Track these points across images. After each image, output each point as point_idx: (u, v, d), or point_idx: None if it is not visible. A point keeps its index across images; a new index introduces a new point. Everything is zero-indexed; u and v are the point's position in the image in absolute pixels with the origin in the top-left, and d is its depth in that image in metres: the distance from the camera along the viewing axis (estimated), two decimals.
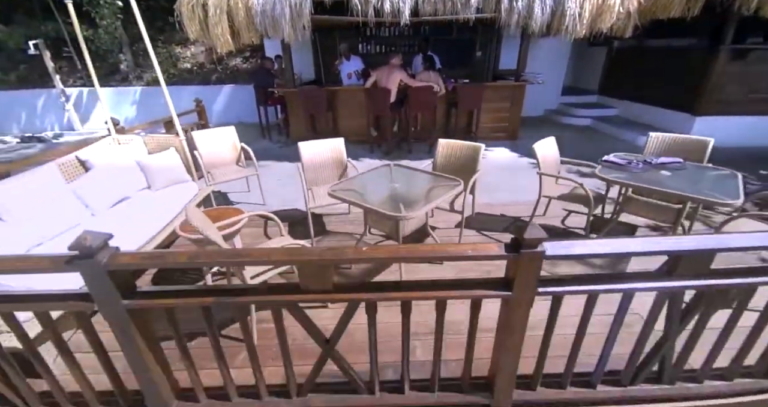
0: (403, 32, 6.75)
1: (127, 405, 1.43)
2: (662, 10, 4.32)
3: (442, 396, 1.49)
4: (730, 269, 1.24)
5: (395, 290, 1.23)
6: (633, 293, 1.26)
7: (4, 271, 1.17)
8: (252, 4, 3.91)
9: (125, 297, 1.16)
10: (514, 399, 1.48)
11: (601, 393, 1.49)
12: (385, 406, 1.49)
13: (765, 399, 1.55)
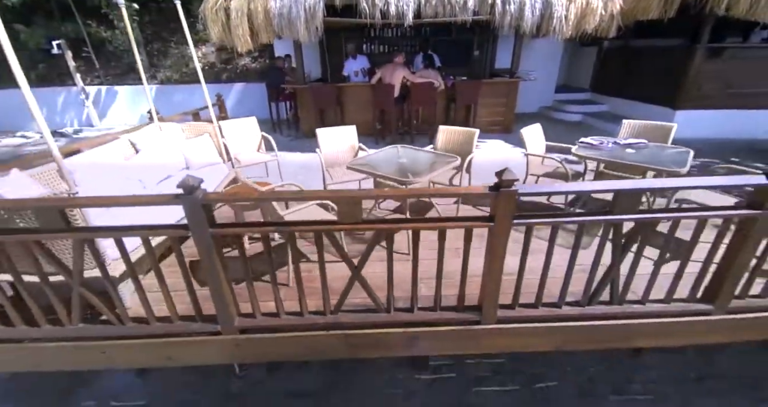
0: (405, 33, 7.18)
1: (201, 320, 1.86)
2: (642, 12, 4.75)
3: (442, 313, 1.91)
4: (655, 209, 1.66)
5: (407, 222, 1.66)
6: (583, 224, 1.69)
7: (135, 204, 1.60)
8: (270, 7, 4.34)
9: (211, 226, 1.58)
10: (498, 316, 1.91)
11: (565, 311, 1.92)
12: (397, 322, 1.91)
13: (695, 320, 1.97)
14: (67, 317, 1.83)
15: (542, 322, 1.94)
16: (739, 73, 5.09)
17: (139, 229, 1.63)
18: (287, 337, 1.93)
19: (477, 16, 4.63)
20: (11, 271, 1.68)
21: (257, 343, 1.93)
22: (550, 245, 1.74)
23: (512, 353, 3.21)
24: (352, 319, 1.90)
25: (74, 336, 1.85)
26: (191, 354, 1.96)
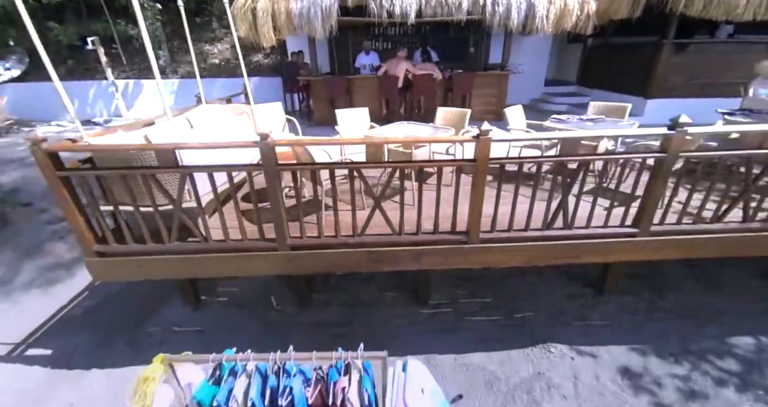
0: (407, 31, 7.85)
1: (264, 240, 2.55)
2: (614, 12, 5.44)
3: (439, 235, 2.61)
4: (589, 153, 2.35)
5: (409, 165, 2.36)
6: (542, 164, 2.38)
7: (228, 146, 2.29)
8: (291, 8, 5.02)
9: (277, 165, 2.27)
10: (480, 238, 2.61)
11: (529, 234, 2.61)
12: (407, 242, 2.61)
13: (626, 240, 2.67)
14: (168, 236, 2.52)
15: (513, 242, 2.64)
16: (701, 66, 5.78)
17: (227, 167, 2.32)
18: (325, 253, 2.62)
19: (470, 16, 5.31)
20: (131, 201, 2.37)
21: (304, 258, 2.62)
22: (516, 184, 2.43)
23: (497, 293, 3.93)
24: (373, 240, 2.60)
25: (173, 250, 2.55)
26: (255, 266, 2.66)
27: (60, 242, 4.60)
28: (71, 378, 3.14)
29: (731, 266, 4.22)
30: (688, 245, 2.67)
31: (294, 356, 1.90)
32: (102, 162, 2.50)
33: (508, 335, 3.43)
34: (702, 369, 3.08)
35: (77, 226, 2.44)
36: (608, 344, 3.30)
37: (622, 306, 3.72)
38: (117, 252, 2.56)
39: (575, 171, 2.41)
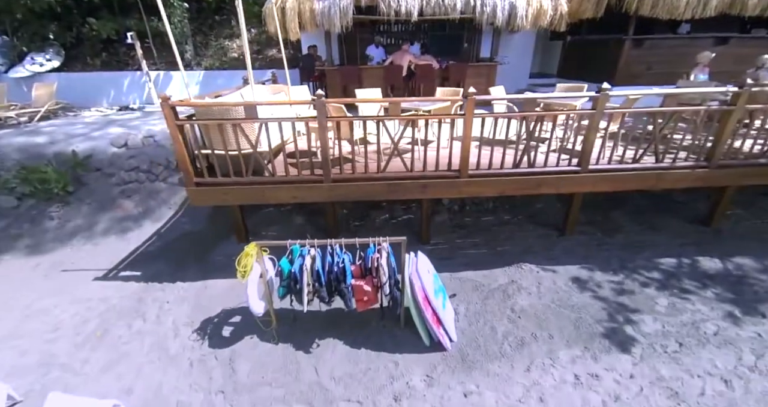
0: (409, 28, 8.87)
1: (313, 174, 3.58)
2: (582, 12, 6.51)
3: (439, 172, 3.65)
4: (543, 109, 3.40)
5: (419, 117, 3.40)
6: (513, 118, 3.42)
7: (293, 103, 3.32)
8: (315, 7, 6.03)
9: (326, 117, 3.31)
10: (468, 174, 3.65)
11: (503, 170, 3.66)
12: (415, 176, 3.65)
13: (572, 176, 3.73)
14: (245, 171, 3.54)
15: (491, 177, 3.68)
16: (657, 58, 6.86)
17: (291, 118, 3.34)
18: (356, 185, 3.66)
19: (463, 15, 6.33)
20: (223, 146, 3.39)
21: (341, 188, 3.66)
22: (493, 135, 3.48)
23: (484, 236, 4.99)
24: (392, 175, 3.64)
25: (249, 182, 3.56)
26: (306, 194, 3.68)
27: (127, 200, 5.60)
28: (160, 288, 4.18)
29: (668, 216, 5.34)
30: (616, 180, 3.74)
31: (344, 241, 2.96)
32: (201, 117, 3.51)
33: (490, 260, 4.52)
34: (632, 277, 4.18)
35: (184, 163, 3.45)
36: (565, 264, 4.39)
37: (578, 243, 4.82)
38: (209, 183, 3.58)
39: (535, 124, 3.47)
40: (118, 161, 5.83)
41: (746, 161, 3.89)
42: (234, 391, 2.95)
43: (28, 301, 4.01)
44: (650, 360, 3.14)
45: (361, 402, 2.85)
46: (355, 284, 3.06)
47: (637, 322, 3.54)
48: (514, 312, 3.70)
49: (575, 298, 3.88)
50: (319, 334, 3.44)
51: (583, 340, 3.36)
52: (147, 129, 6.43)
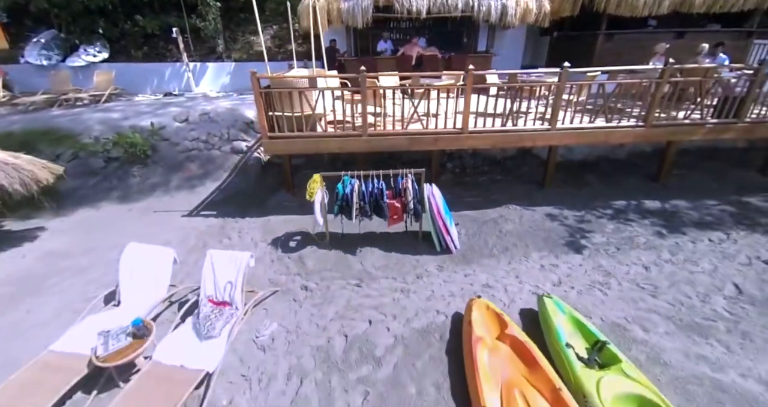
0: (415, 24, 10.16)
1: (353, 130, 4.90)
2: (562, 11, 7.82)
3: (447, 129, 4.97)
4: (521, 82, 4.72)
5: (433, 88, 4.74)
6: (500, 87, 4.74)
7: (344, 77, 4.64)
8: (341, 6, 7.31)
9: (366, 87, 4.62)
10: (468, 130, 4.98)
11: (495, 128, 4.98)
12: (429, 132, 4.96)
13: (545, 133, 5.06)
14: (305, 127, 4.85)
15: (485, 133, 5.00)
16: (625, 49, 8.16)
17: (342, 87, 4.65)
18: (386, 138, 4.97)
19: (463, 13, 7.62)
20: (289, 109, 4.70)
21: (375, 141, 4.96)
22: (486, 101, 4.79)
23: (480, 189, 6.31)
24: (412, 131, 4.95)
25: (308, 136, 4.87)
26: (348, 145, 4.98)
27: (192, 163, 6.89)
28: (234, 221, 5.50)
29: (627, 175, 6.68)
30: (577, 135, 5.07)
31: (381, 172, 4.25)
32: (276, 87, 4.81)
33: (484, 204, 5.85)
34: (591, 213, 5.53)
35: (262, 121, 4.75)
36: (542, 206, 5.73)
37: (554, 193, 6.15)
38: (279, 137, 4.89)
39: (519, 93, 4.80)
40: (182, 132, 7.11)
41: (673, 121, 5.23)
42: (306, 274, 4.27)
43: (136, 228, 5.32)
44: (595, 257, 4.48)
45: (395, 278, 4.18)
46: (389, 202, 4.39)
47: (589, 237, 4.88)
48: (501, 232, 5.03)
49: (547, 225, 5.22)
50: (360, 245, 4.76)
51: (549, 247, 4.70)
52: (200, 108, 7.70)
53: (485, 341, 2.92)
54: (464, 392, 2.76)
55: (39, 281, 4.21)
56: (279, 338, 3.36)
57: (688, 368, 2.95)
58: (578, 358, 2.76)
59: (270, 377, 2.99)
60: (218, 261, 3.46)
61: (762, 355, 3.06)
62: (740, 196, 5.83)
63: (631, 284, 4.02)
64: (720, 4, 7.22)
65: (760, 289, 3.86)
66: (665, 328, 3.40)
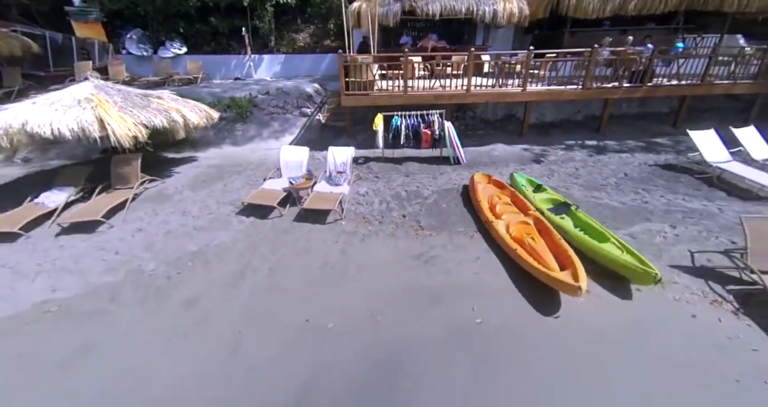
0: (428, 24, 13.03)
1: (398, 89, 7.80)
2: (536, 14, 10.72)
3: (457, 89, 7.87)
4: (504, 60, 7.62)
5: (448, 61, 7.66)
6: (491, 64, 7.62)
7: (390, 56, 7.57)
8: (378, 11, 10.17)
9: (407, 62, 7.52)
10: (471, 91, 7.87)
11: (488, 90, 7.87)
12: (446, 94, 7.85)
13: (519, 92, 7.96)
14: (369, 88, 7.74)
15: (481, 93, 7.89)
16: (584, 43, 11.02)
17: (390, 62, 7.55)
18: (419, 95, 7.86)
19: (465, 16, 10.49)
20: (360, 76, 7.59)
21: (412, 97, 7.84)
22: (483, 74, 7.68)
23: (476, 137, 9.25)
24: (436, 92, 7.85)
25: (367, 93, 7.75)
26: (395, 100, 7.85)
27: (275, 122, 9.76)
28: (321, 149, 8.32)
29: (581, 129, 9.57)
30: (539, 94, 7.96)
31: (419, 112, 7.21)
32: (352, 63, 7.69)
33: (479, 145, 8.73)
34: (550, 147, 8.45)
35: (342, 83, 7.64)
36: (519, 145, 8.62)
37: (528, 140, 9.02)
38: (350, 94, 7.77)
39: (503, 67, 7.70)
40: (266, 101, 9.98)
41: (601, 86, 8.14)
42: (374, 173, 7.15)
43: (253, 158, 8.18)
44: (548, 165, 7.38)
45: (427, 174, 7.05)
46: (423, 130, 7.28)
47: (546, 157, 7.79)
48: (491, 156, 7.93)
49: (521, 153, 8.12)
50: (403, 161, 7.64)
51: (521, 162, 7.60)
52: (274, 85, 10.55)
53: (481, 183, 5.82)
54: (470, 206, 5.65)
55: (218, 176, 7.09)
56: (369, 192, 6.24)
57: (585, 200, 5.85)
58: (533, 190, 5.67)
59: (369, 203, 5.87)
60: (336, 152, 6.35)
61: (619, 195, 5.97)
62: (651, 138, 8.75)
63: (565, 175, 6.91)
64: (647, 8, 10.09)
65: (638, 174, 6.78)
66: (578, 189, 6.29)
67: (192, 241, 4.86)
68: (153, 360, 3.21)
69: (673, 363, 3.09)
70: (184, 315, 3.68)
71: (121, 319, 3.63)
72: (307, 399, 2.87)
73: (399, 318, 3.62)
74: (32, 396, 2.91)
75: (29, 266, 4.32)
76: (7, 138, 4.87)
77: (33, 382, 3.01)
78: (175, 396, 2.89)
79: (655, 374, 3.00)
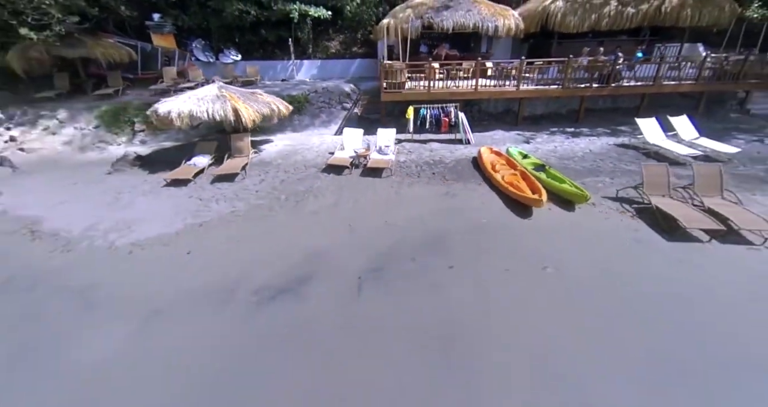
0: (442, 36, 15.66)
1: (423, 88, 10.49)
2: (529, 29, 13.34)
3: (467, 88, 10.53)
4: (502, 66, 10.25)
5: (459, 69, 10.35)
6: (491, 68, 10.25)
7: (422, 63, 10.29)
8: (404, 26, 12.83)
9: (430, 67, 10.21)
10: (478, 90, 10.54)
11: (489, 89, 10.52)
12: (459, 91, 10.51)
13: (514, 90, 10.61)
14: (398, 88, 10.44)
15: (486, 90, 10.54)
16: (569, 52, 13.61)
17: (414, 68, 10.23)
18: (439, 92, 10.53)
19: (473, 30, 13.11)
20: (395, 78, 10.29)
21: (435, 94, 10.51)
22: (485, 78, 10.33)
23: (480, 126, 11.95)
24: (452, 90, 10.51)
25: (400, 91, 10.43)
26: (420, 96, 10.51)
27: (323, 114, 12.46)
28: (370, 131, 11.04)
29: (563, 120, 12.23)
30: (529, 92, 10.60)
31: (440, 105, 9.96)
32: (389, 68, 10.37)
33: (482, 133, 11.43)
34: (539, 133, 11.15)
35: (382, 84, 10.32)
36: (514, 131, 11.32)
37: (522, 128, 11.71)
38: (389, 92, 10.45)
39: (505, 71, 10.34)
40: (314, 97, 12.68)
41: (577, 86, 10.75)
42: (407, 149, 9.82)
43: (314, 140, 10.89)
44: (535, 144, 10.04)
45: (446, 150, 9.72)
46: (443, 118, 9.96)
47: (535, 139, 10.44)
48: (493, 140, 10.57)
49: (516, 137, 10.76)
50: (427, 141, 10.31)
51: (515, 142, 10.24)
52: (320, 85, 13.25)
53: (486, 152, 8.48)
54: (478, 169, 8.31)
55: (294, 152, 9.78)
56: (407, 161, 8.91)
57: (558, 165, 8.48)
58: (522, 158, 8.32)
59: (408, 166, 8.54)
60: (383, 132, 9.04)
61: (581, 162, 8.62)
62: (616, 126, 11.35)
63: (547, 150, 9.55)
64: (617, 24, 12.65)
65: (599, 150, 9.41)
66: (555, 159, 8.92)
67: (300, 185, 7.56)
68: (302, 235, 5.90)
69: (594, 236, 5.74)
70: (313, 218, 6.38)
71: (278, 219, 6.34)
72: (396, 249, 5.53)
73: (437, 221, 6.29)
74: (243, 249, 5.61)
75: (208, 197, 7.04)
76: (180, 119, 7.59)
77: (238, 250, 5.69)
78: (316, 247, 5.58)
79: (582, 240, 5.65)
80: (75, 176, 8.26)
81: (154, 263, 5.18)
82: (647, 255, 5.29)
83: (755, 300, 4.44)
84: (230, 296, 4.56)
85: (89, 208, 6.66)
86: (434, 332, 4.05)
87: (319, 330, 4.15)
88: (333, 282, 4.80)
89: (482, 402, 3.31)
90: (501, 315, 4.27)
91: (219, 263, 5.18)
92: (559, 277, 4.88)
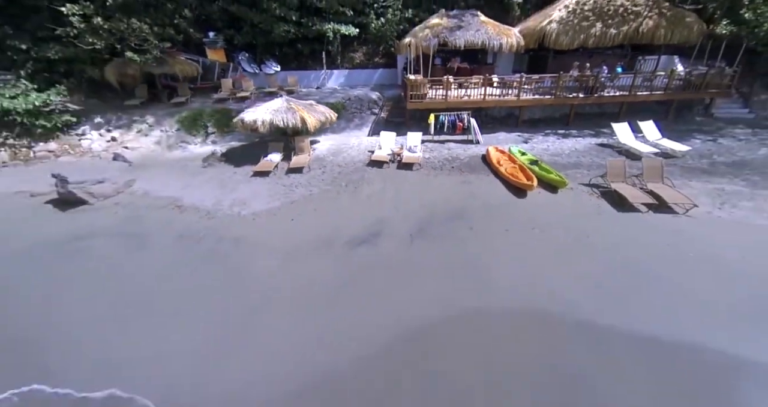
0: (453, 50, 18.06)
1: (440, 97, 13.00)
2: (529, 45, 15.73)
3: (476, 98, 13.01)
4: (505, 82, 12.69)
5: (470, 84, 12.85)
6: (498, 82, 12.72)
7: (441, 79, 12.82)
8: (423, 44, 15.27)
9: (446, 81, 12.71)
10: (486, 99, 13.02)
11: (494, 98, 12.98)
12: (470, 101, 12.99)
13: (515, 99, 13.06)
14: (422, 98, 12.94)
15: (492, 100, 13.00)
16: (564, 64, 15.98)
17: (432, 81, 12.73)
18: (454, 102, 13.02)
19: (481, 46, 15.50)
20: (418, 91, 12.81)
21: (451, 103, 13.00)
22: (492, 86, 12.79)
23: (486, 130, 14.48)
24: (464, 100, 13.00)
25: (422, 101, 12.93)
26: (439, 105, 12.99)
27: (356, 119, 15.01)
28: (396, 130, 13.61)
29: (557, 124, 14.73)
30: (527, 102, 13.06)
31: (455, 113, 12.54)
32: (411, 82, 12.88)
33: (488, 134, 13.96)
34: (536, 134, 13.68)
35: (407, 94, 12.83)
36: (515, 132, 13.84)
37: (522, 130, 14.22)
38: (413, 101, 12.96)
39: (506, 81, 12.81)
40: (348, 104, 15.19)
41: (566, 95, 13.17)
42: (430, 149, 12.35)
43: (353, 140, 13.43)
44: (532, 143, 12.54)
45: (460, 147, 12.23)
46: (458, 123, 12.48)
47: (532, 138, 12.94)
48: (497, 140, 13.06)
49: (516, 138, 13.23)
50: (445, 142, 12.82)
51: (515, 143, 12.74)
52: (352, 93, 15.75)
53: (493, 151, 11.00)
54: (486, 163, 10.83)
55: (339, 151, 12.32)
56: (431, 157, 11.44)
57: (548, 160, 10.98)
58: (520, 155, 10.83)
59: (432, 162, 11.08)
60: (411, 135, 11.57)
61: (567, 158, 11.10)
62: (599, 129, 13.78)
63: (541, 149, 12.04)
64: (602, 43, 15.00)
65: (582, 148, 11.89)
66: (546, 156, 11.41)
67: (354, 174, 10.13)
68: (366, 209, 8.46)
69: (569, 209, 8.26)
70: (368, 199, 8.95)
71: (342, 199, 8.92)
72: (432, 218, 8.08)
73: (458, 200, 8.82)
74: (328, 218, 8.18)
75: (289, 184, 9.63)
76: (264, 126, 10.16)
77: (325, 218, 8.25)
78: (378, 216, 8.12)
79: (560, 212, 8.16)
80: (178, 169, 10.87)
81: (272, 225, 7.77)
82: (604, 221, 7.82)
83: (671, 245, 6.96)
84: (330, 244, 7.15)
85: (207, 191, 9.27)
86: (459, 264, 6.61)
87: (388, 264, 6.72)
88: (394, 237, 7.37)
89: (491, 287, 5.91)
90: (503, 257, 6.82)
91: (315, 226, 7.76)
92: (542, 234, 7.42)
